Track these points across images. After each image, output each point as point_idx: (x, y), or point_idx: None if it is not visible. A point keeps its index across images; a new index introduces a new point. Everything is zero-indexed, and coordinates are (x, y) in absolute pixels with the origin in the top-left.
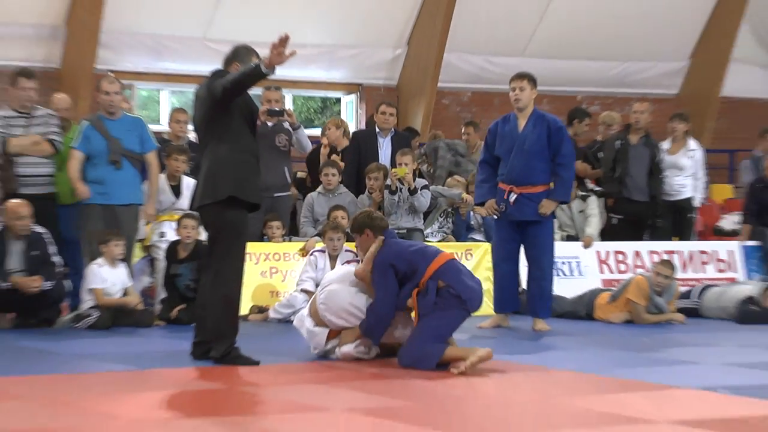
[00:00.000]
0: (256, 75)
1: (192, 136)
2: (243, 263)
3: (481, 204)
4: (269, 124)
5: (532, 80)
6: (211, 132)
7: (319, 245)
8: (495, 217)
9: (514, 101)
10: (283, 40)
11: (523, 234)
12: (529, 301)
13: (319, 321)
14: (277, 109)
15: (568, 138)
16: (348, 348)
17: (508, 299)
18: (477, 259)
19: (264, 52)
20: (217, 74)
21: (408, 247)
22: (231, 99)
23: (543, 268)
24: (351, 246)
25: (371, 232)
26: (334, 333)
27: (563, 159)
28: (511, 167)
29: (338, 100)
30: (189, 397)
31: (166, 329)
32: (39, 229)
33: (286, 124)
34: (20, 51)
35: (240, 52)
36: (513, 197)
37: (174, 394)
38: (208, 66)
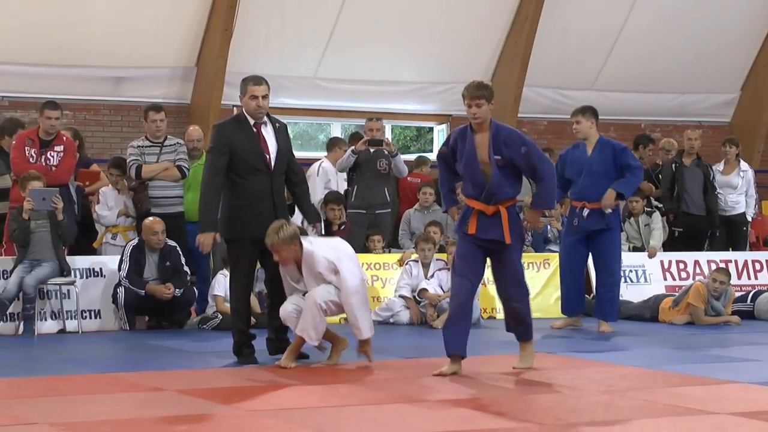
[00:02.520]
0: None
1: None
2: (237, 286)
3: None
4: (371, 150)
5: (587, 113)
6: None
7: (414, 255)
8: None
9: (575, 133)
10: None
11: (592, 244)
12: (598, 305)
13: None
14: (377, 138)
15: (631, 154)
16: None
17: (575, 302)
18: (553, 267)
19: (367, 88)
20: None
21: None
22: None
23: (614, 274)
24: (442, 256)
25: None
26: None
27: (631, 169)
28: (581, 187)
29: (431, 129)
30: (291, 391)
31: None
32: (171, 242)
33: (386, 152)
34: (159, 89)
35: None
36: (585, 212)
37: (282, 386)
38: (318, 101)
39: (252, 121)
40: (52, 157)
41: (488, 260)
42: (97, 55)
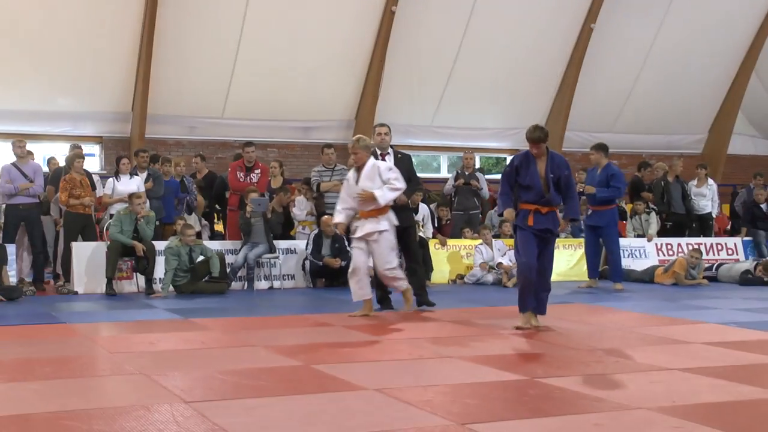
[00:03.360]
0: None
1: None
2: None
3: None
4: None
5: (597, 148)
6: None
7: (480, 241)
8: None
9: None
10: None
11: (599, 234)
12: (608, 272)
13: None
14: (468, 181)
15: (616, 177)
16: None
17: (592, 270)
18: (584, 249)
19: (464, 132)
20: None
21: None
22: None
23: (613, 252)
24: (506, 242)
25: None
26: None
27: (609, 186)
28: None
29: (505, 158)
30: (416, 325)
31: None
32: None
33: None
34: (331, 134)
35: (372, 130)
36: (589, 211)
37: (408, 325)
38: (433, 141)
39: (379, 152)
40: (253, 177)
41: None
42: (295, 113)
